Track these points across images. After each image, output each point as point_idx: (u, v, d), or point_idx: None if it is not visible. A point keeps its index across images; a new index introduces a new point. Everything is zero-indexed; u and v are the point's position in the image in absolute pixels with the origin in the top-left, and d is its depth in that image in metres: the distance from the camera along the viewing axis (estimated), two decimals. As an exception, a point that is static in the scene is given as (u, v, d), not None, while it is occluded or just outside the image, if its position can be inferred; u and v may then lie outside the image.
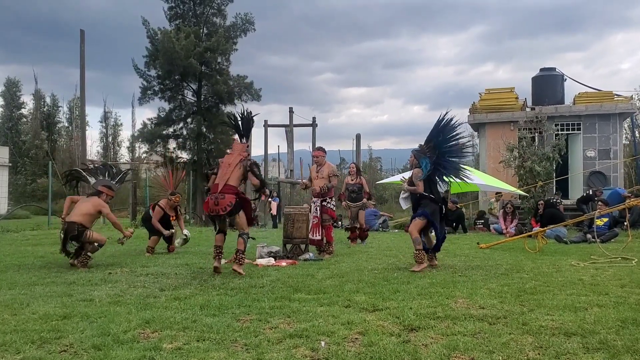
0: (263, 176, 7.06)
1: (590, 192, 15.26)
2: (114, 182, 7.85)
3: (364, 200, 10.38)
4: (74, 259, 7.04)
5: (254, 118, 6.90)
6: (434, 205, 6.83)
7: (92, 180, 7.78)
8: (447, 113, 6.81)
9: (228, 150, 6.86)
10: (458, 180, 7.06)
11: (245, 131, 6.84)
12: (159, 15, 22.93)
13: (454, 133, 6.90)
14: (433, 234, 7.06)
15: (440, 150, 6.82)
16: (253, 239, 7.26)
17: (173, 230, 9.02)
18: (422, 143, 7.04)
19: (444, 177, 6.97)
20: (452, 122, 6.87)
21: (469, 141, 7.75)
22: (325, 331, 3.67)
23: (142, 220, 9.43)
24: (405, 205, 7.20)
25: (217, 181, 6.35)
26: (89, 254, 7.07)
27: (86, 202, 7.27)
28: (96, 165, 8.05)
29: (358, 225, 10.37)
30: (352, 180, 10.47)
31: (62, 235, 7.12)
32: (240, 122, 6.86)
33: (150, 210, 9.03)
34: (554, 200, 14.41)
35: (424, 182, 6.80)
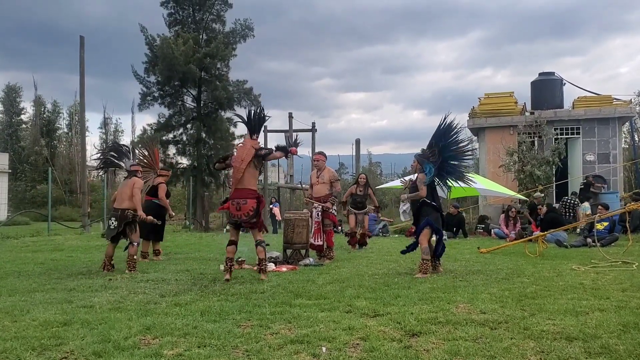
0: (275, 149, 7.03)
1: (585, 180, 15.23)
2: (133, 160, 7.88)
3: (369, 207, 10.39)
4: (110, 267, 7.14)
5: (265, 114, 6.84)
6: (435, 213, 6.81)
7: (123, 164, 7.73)
8: (447, 116, 6.76)
9: (239, 144, 6.82)
10: (462, 184, 7.06)
11: (256, 126, 6.73)
12: (158, 22, 23.06)
13: (457, 137, 6.84)
14: (433, 238, 7.02)
15: (444, 154, 6.76)
16: (268, 244, 7.34)
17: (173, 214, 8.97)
18: (425, 147, 6.97)
19: (448, 182, 6.93)
20: (454, 125, 6.80)
21: (470, 143, 7.59)
22: (326, 337, 3.67)
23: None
24: (405, 218, 7.19)
25: (235, 186, 6.37)
26: (134, 256, 7.11)
27: (127, 187, 7.28)
28: (117, 148, 7.96)
29: (361, 231, 10.32)
30: (360, 191, 10.24)
31: (112, 224, 7.14)
32: (251, 118, 6.72)
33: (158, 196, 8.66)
34: (573, 201, 14.35)
35: (427, 189, 6.74)
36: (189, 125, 23.22)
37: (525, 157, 15.72)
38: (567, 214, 13.95)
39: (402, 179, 7.73)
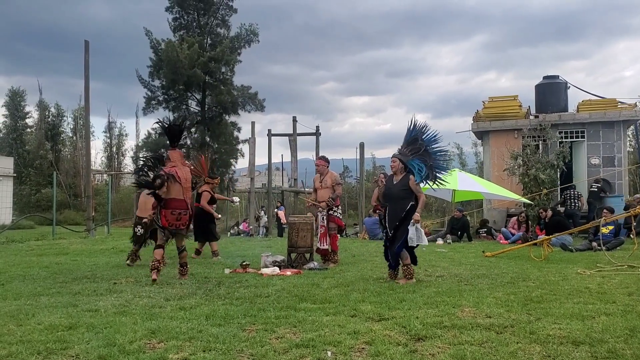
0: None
1: (599, 185, 15.22)
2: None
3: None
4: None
5: (184, 126, 7.27)
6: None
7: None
8: (414, 119, 6.62)
9: (171, 163, 6.76)
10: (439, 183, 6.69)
11: (176, 136, 7.00)
12: (163, 27, 23.23)
13: (434, 133, 6.59)
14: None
15: (430, 149, 6.52)
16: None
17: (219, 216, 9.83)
18: (402, 147, 6.63)
19: (438, 180, 6.60)
20: (423, 125, 6.62)
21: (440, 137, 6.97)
22: (331, 341, 3.66)
23: (195, 221, 8.74)
24: (413, 243, 6.46)
25: (178, 196, 6.64)
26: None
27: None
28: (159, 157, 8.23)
29: None
30: None
31: (139, 231, 8.12)
32: (171, 128, 7.03)
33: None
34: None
35: (410, 192, 6.39)
36: (193, 129, 23.26)
37: (530, 160, 15.68)
38: (573, 204, 14.02)
39: (378, 181, 6.84)
